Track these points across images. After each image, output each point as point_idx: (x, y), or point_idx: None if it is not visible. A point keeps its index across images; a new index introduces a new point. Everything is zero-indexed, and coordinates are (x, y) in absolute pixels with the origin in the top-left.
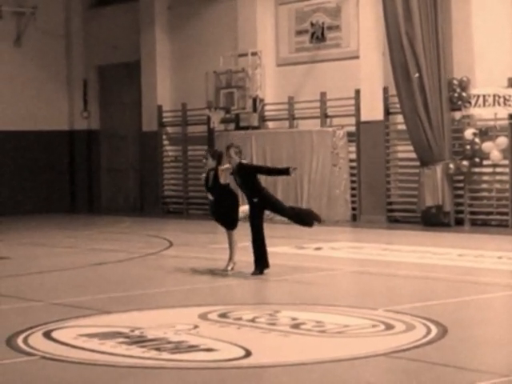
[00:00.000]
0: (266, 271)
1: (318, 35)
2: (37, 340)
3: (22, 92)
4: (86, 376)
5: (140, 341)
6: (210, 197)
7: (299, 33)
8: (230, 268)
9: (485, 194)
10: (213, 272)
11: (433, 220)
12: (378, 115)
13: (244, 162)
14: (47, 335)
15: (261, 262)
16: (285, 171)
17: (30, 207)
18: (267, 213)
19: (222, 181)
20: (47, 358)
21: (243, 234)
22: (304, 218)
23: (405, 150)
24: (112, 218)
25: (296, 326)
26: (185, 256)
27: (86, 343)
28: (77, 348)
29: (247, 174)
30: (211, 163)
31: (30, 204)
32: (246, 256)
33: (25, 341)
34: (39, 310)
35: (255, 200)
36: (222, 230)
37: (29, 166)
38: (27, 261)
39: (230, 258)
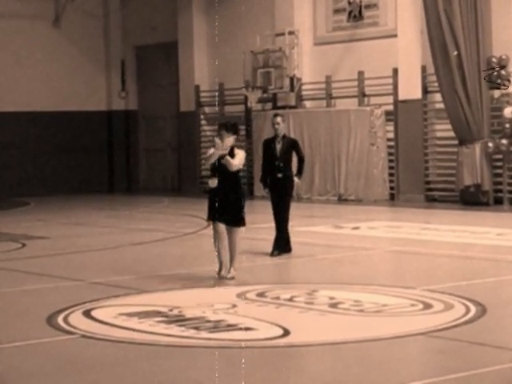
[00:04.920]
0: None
1: (356, 14)
2: (77, 319)
3: (61, 73)
4: (125, 354)
5: (178, 320)
6: (213, 184)
7: (336, 11)
8: (230, 276)
9: None
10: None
11: (471, 199)
12: (416, 94)
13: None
14: (87, 314)
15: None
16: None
17: (68, 187)
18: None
19: (238, 162)
20: (87, 337)
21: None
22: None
23: (443, 129)
24: (150, 197)
25: (334, 306)
26: None
27: (126, 322)
28: (116, 327)
29: (289, 147)
30: (232, 139)
31: (69, 184)
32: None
33: (65, 319)
34: (79, 290)
35: (282, 175)
36: (260, 209)
37: (67, 146)
38: (66, 240)
39: (232, 262)
